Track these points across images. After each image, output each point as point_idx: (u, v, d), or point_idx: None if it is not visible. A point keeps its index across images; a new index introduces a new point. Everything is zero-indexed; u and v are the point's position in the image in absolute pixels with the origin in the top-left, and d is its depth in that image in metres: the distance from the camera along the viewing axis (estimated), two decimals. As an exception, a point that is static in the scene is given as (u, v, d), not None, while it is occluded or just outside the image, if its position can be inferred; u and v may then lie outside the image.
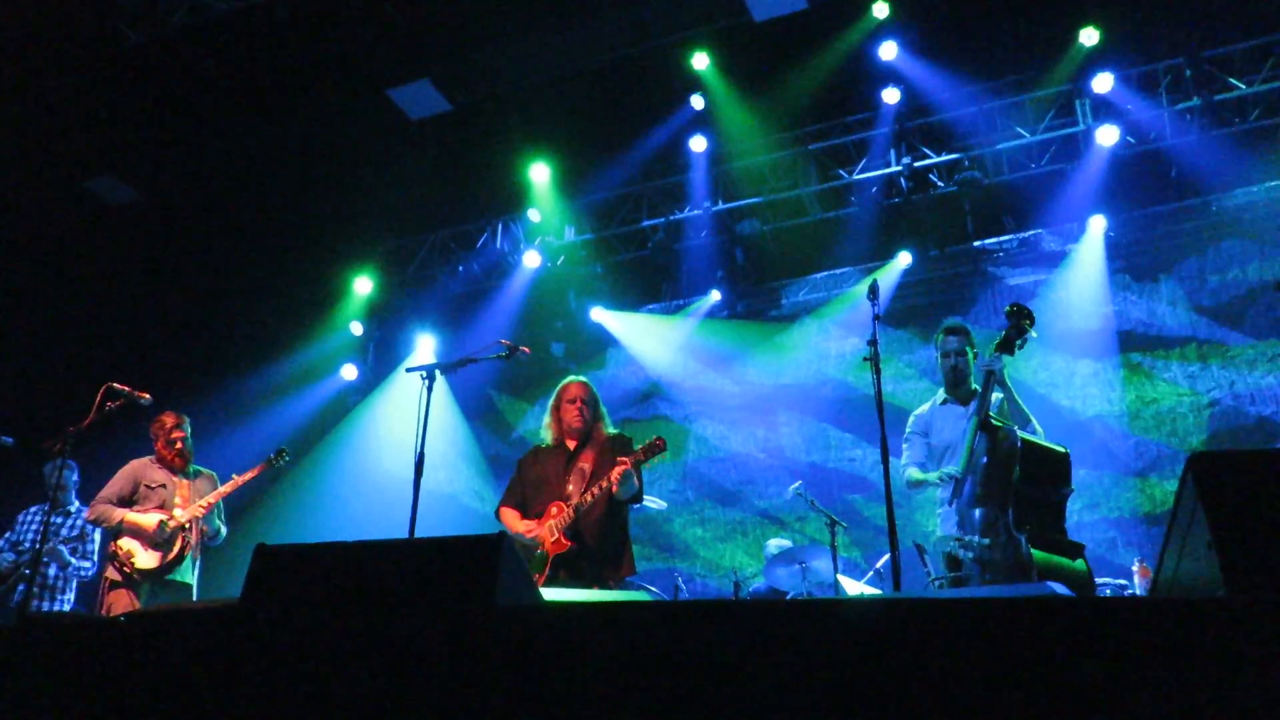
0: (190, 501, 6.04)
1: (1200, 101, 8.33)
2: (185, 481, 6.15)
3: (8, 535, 6.95)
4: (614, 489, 4.77)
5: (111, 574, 5.88)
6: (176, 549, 5.89)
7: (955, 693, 1.64)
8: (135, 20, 8.22)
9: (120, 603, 5.79)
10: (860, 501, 9.26)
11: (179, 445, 6.19)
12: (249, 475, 6.21)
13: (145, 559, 5.86)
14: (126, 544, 5.89)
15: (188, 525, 5.96)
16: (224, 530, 6.35)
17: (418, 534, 4.70)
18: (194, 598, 6.02)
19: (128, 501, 6.06)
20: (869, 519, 9.05)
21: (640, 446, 4.87)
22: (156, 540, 5.88)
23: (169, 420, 6.24)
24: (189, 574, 6.01)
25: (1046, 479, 4.40)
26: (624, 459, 4.79)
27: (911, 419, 5.37)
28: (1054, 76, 8.81)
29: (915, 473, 5.08)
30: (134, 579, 5.85)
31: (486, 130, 9.86)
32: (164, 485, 6.11)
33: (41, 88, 8.80)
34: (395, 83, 9.07)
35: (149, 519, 5.92)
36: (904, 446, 5.31)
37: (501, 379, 11.26)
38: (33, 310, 10.51)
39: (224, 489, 6.12)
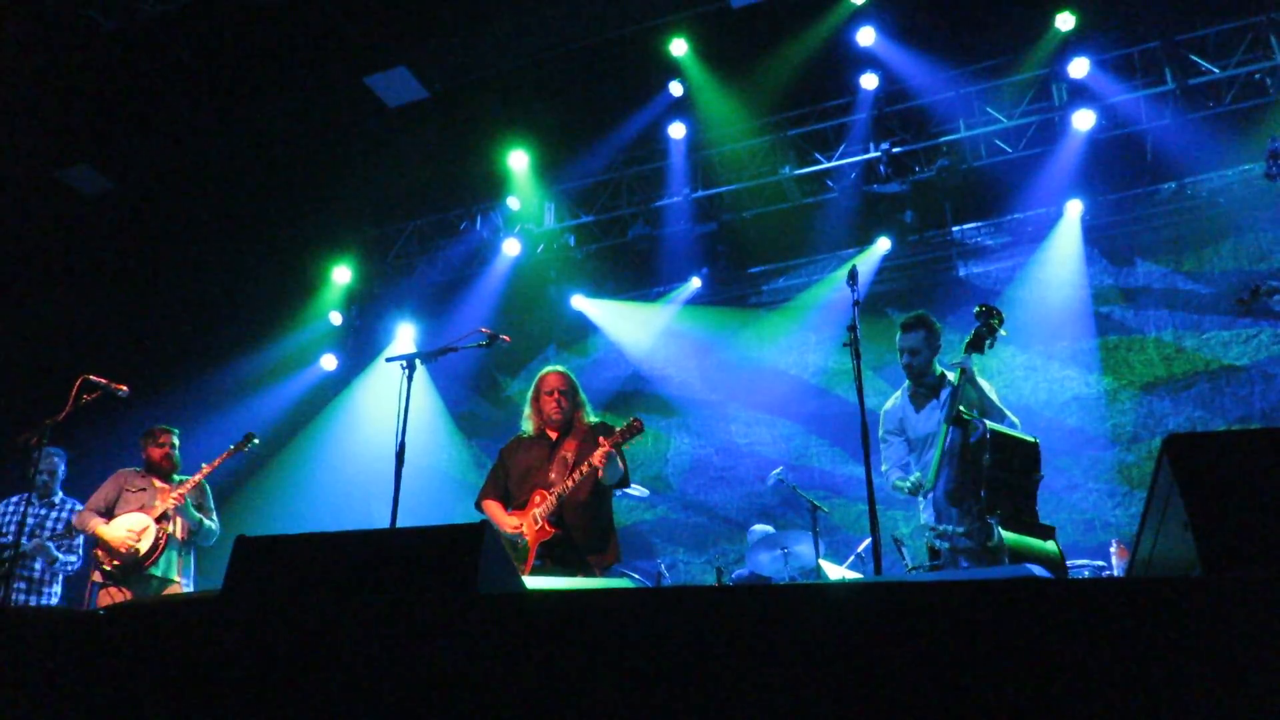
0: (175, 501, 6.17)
1: (1175, 85, 8.38)
2: (167, 486, 6.33)
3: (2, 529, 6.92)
4: (599, 473, 4.80)
5: (96, 576, 6.08)
6: (149, 543, 6.00)
7: (936, 674, 1.65)
8: (108, 7, 8.12)
9: (108, 601, 5.94)
10: (840, 485, 9.30)
11: (165, 450, 6.45)
12: (216, 462, 6.38)
13: (123, 556, 6.04)
14: (106, 546, 6.10)
15: (167, 519, 6.06)
16: (211, 525, 6.45)
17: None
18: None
19: (111, 507, 6.25)
20: (842, 513, 9.10)
21: (618, 429, 4.89)
22: (130, 540, 6.04)
23: (156, 433, 6.52)
24: (172, 570, 6.11)
25: (1017, 465, 4.50)
26: (605, 441, 4.82)
27: (883, 417, 5.38)
28: (1030, 61, 8.83)
29: (897, 481, 5.09)
30: (115, 575, 6.02)
31: (464, 117, 9.82)
32: (143, 489, 6.32)
33: (13, 76, 8.69)
34: (372, 70, 9.01)
35: (121, 524, 6.08)
36: (882, 447, 5.32)
37: (497, 356, 11.19)
38: (8, 301, 10.40)
39: (194, 478, 6.24)
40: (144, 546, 6.01)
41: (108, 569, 6.03)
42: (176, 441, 6.52)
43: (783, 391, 10.01)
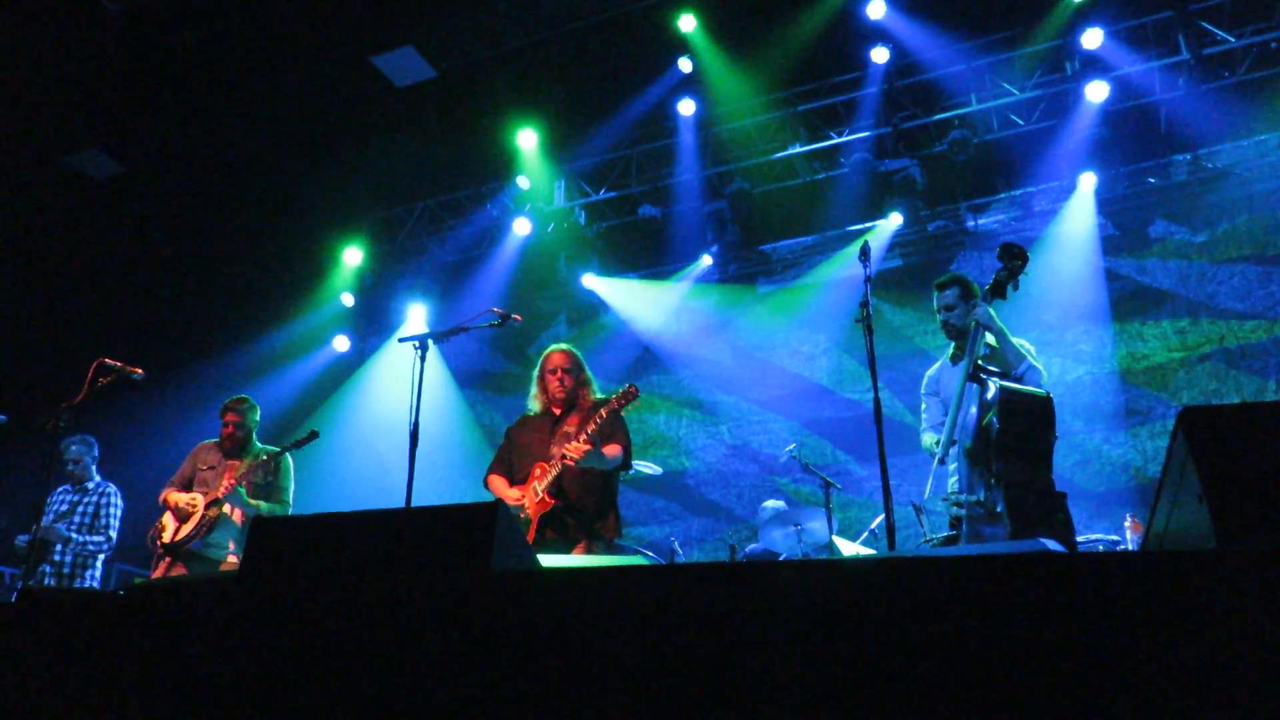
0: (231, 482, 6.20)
1: (1189, 55, 8.29)
2: (235, 463, 6.28)
3: (43, 519, 6.95)
4: (570, 464, 4.79)
5: (158, 549, 6.17)
6: (193, 525, 6.04)
7: (949, 649, 1.65)
8: (114, -10, 8.12)
9: (161, 574, 6.05)
10: (853, 463, 9.31)
11: (229, 429, 6.37)
12: (279, 453, 6.32)
13: (169, 535, 6.10)
14: (165, 520, 6.18)
15: (220, 504, 6.08)
16: (269, 508, 6.28)
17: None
18: None
19: (189, 482, 6.31)
20: (856, 487, 9.10)
21: (613, 397, 4.88)
22: (183, 517, 6.11)
23: (223, 409, 6.47)
24: (223, 552, 6.12)
25: (1027, 426, 4.28)
26: (586, 442, 4.79)
27: (924, 380, 5.34)
28: (1043, 32, 8.74)
29: (927, 439, 5.07)
30: (160, 553, 6.10)
31: (473, 96, 9.78)
32: (213, 468, 6.30)
33: (21, 61, 8.70)
34: (379, 50, 8.98)
35: (179, 497, 6.16)
36: (921, 408, 5.30)
37: (508, 336, 11.22)
38: (22, 287, 10.46)
39: (243, 471, 6.17)
40: (188, 527, 6.06)
41: (156, 545, 6.12)
42: (240, 418, 6.37)
43: (796, 366, 10.00)
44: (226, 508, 6.10)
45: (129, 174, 10.34)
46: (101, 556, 6.96)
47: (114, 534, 6.96)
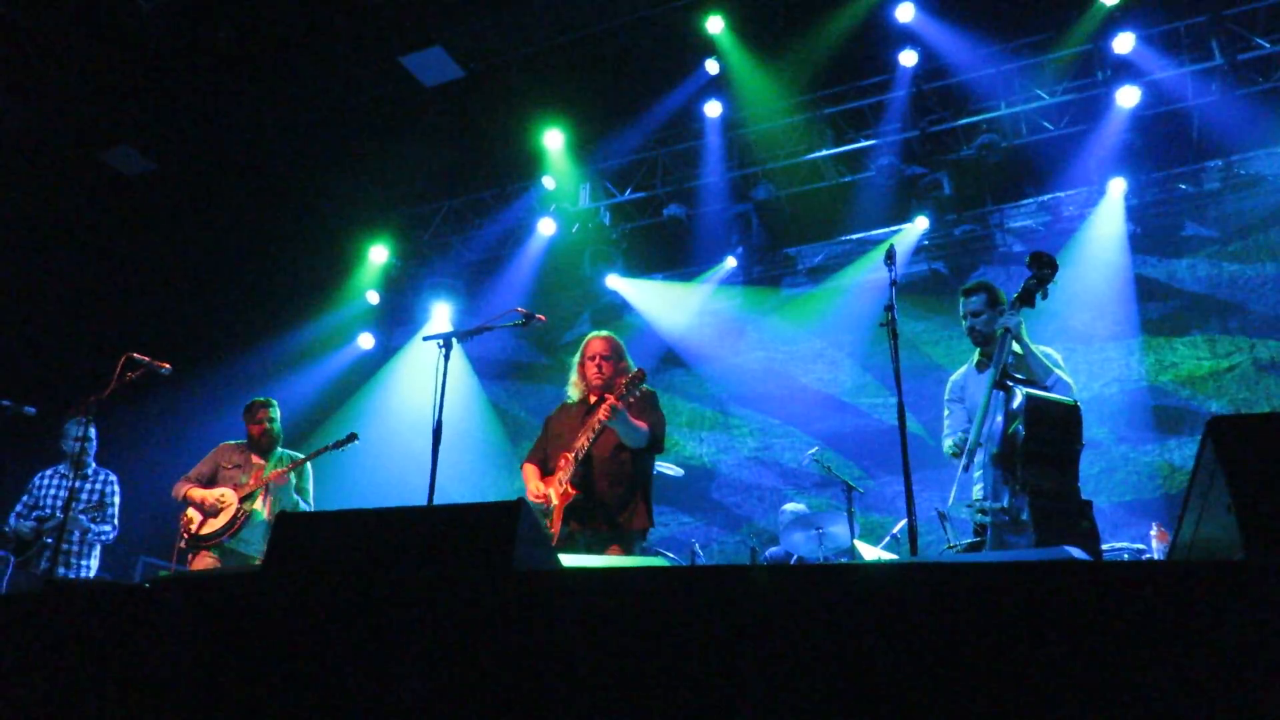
0: (259, 481, 6.32)
1: (1223, 61, 8.20)
2: (262, 462, 6.47)
3: (24, 499, 7.07)
4: (605, 418, 4.70)
5: (181, 545, 6.30)
6: (226, 519, 6.16)
7: (971, 656, 1.64)
8: (148, -11, 8.22)
9: (202, 564, 6.19)
10: (870, 473, 9.26)
11: (262, 427, 6.52)
12: (315, 453, 6.50)
13: (201, 527, 6.22)
14: (191, 513, 6.28)
15: (253, 500, 6.22)
16: (303, 508, 6.43)
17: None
18: None
19: (208, 480, 6.42)
20: (874, 494, 9.05)
21: (622, 381, 4.80)
22: (211, 512, 6.22)
23: (253, 408, 6.62)
24: (253, 548, 6.25)
25: (1055, 434, 4.24)
26: (613, 396, 4.72)
27: (948, 385, 5.30)
28: (1073, 37, 8.68)
29: (949, 443, 5.04)
30: (187, 546, 6.22)
31: (500, 97, 9.82)
32: (239, 466, 6.44)
33: (56, 59, 8.80)
34: (408, 50, 9.04)
35: (208, 493, 6.26)
36: (944, 414, 5.27)
37: (532, 335, 11.26)
38: (52, 282, 10.58)
39: (282, 470, 6.33)
40: (220, 521, 6.16)
41: (185, 537, 6.21)
42: (274, 414, 6.57)
43: (820, 369, 9.97)
44: (259, 504, 6.22)
45: (160, 171, 10.45)
46: (99, 546, 7.08)
47: (117, 522, 7.12)
